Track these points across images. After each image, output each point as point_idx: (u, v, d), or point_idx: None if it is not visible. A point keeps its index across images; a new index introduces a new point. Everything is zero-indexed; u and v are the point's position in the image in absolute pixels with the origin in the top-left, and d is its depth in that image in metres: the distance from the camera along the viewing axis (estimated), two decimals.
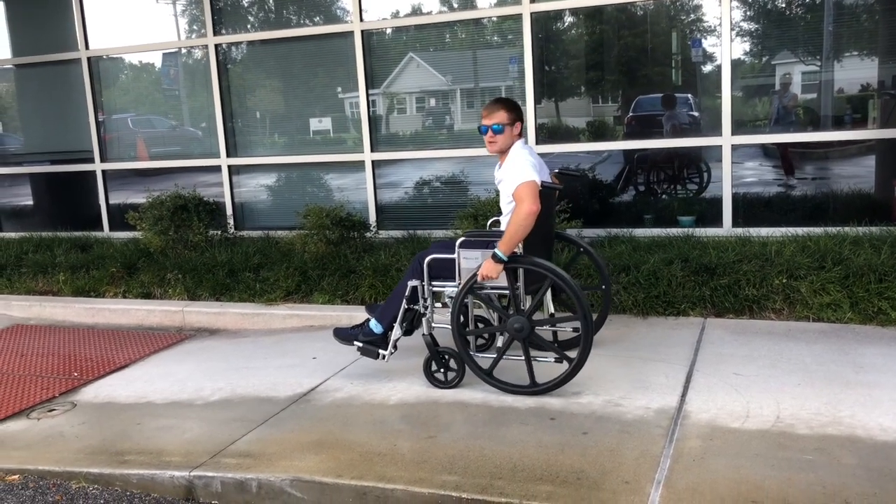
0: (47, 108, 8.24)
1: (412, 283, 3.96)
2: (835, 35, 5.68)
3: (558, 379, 3.70)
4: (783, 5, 5.80)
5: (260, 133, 7.50)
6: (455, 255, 3.87)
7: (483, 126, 3.90)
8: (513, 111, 3.88)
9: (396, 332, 4.02)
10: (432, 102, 7.04)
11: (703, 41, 6.00)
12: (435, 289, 3.98)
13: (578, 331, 3.95)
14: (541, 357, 3.85)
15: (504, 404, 3.69)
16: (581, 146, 6.41)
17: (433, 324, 4.00)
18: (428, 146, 6.89)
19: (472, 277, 3.75)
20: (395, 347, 4.07)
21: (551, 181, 3.94)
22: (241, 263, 6.15)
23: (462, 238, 3.88)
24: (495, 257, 3.65)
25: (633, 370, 4.01)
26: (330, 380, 4.24)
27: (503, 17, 6.44)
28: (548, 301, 4.25)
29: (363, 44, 6.73)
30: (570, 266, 4.56)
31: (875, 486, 2.72)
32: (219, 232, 7.03)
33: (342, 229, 6.15)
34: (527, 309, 3.74)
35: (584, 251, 4.28)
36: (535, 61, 6.27)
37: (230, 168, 7.44)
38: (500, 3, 6.40)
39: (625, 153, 6.37)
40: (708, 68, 6.03)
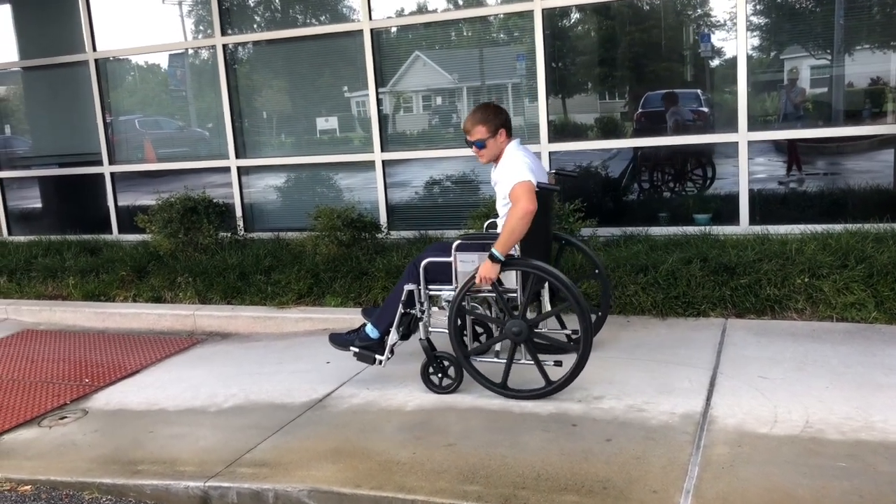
0: (55, 111, 8.19)
1: (408, 287, 3.90)
2: (845, 29, 5.59)
3: (559, 381, 3.64)
4: None
5: (269, 134, 7.44)
6: (451, 259, 3.81)
7: (468, 141, 3.87)
8: (491, 122, 3.79)
9: (393, 337, 3.95)
10: (442, 101, 6.95)
11: (717, 36, 5.90)
12: (431, 293, 3.91)
13: (578, 332, 3.88)
14: (542, 360, 3.77)
15: (525, 410, 3.61)
16: (592, 144, 6.30)
17: (430, 328, 3.94)
18: (439, 145, 6.81)
19: (470, 280, 3.68)
20: (393, 352, 3.99)
21: (548, 182, 3.88)
22: (252, 266, 6.08)
23: (458, 241, 3.82)
24: (492, 257, 3.59)
25: (655, 373, 3.92)
26: (345, 385, 4.17)
27: (512, 14, 6.35)
28: (545, 303, 4.17)
29: (373, 42, 6.66)
30: (558, 260, 4.47)
31: None
32: (229, 234, 6.96)
33: (353, 230, 6.07)
34: (519, 311, 3.67)
35: (567, 243, 4.25)
36: (547, 58, 6.18)
37: (239, 169, 7.38)
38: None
39: (639, 150, 6.27)
40: (721, 63, 5.93)
